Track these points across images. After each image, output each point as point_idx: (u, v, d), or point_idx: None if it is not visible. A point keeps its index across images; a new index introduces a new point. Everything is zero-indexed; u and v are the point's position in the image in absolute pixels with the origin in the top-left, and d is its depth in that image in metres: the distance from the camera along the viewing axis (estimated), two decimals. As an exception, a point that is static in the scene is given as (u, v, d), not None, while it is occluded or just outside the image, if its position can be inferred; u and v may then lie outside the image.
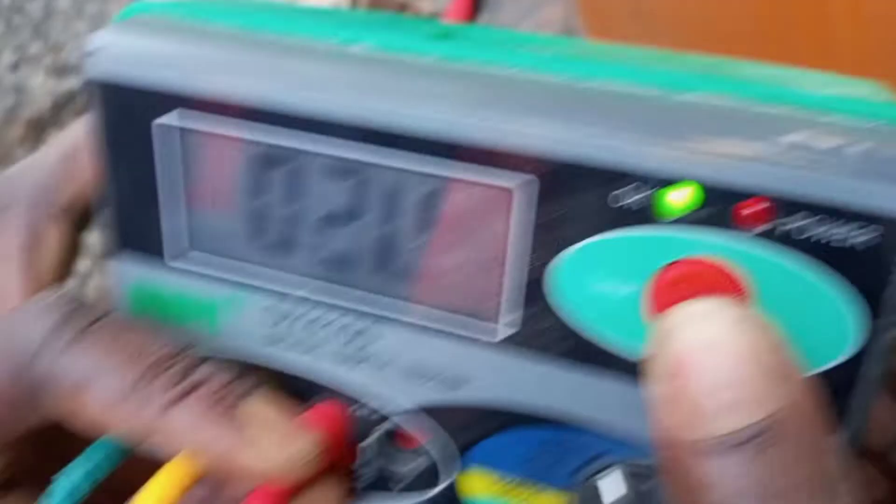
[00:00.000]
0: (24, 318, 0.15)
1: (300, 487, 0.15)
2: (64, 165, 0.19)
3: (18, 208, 0.19)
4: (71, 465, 0.16)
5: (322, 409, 0.16)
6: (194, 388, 0.15)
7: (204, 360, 0.15)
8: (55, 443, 0.17)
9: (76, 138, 0.19)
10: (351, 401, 0.16)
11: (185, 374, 0.15)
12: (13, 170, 0.19)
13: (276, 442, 0.15)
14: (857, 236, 0.12)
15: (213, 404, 0.14)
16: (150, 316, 0.16)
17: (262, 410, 0.15)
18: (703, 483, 0.11)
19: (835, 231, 0.12)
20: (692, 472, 0.12)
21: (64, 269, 0.19)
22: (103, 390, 0.14)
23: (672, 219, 0.13)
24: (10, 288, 0.18)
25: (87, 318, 0.15)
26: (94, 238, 0.76)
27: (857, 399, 0.13)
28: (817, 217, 0.12)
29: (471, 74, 0.14)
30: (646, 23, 0.61)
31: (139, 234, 0.16)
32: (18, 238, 0.18)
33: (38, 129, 1.54)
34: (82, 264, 1.15)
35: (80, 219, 0.19)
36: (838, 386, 0.13)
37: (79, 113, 1.50)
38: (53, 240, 0.19)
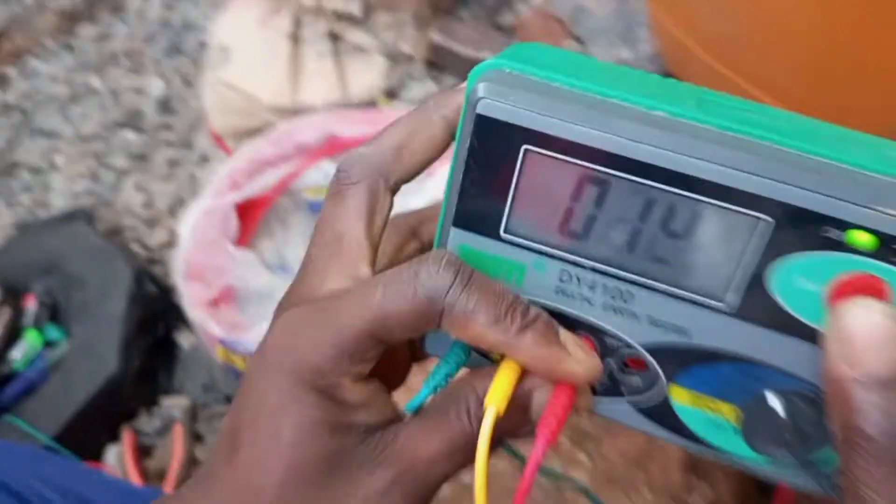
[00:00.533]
0: (431, 267, 0.23)
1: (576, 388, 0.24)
2: (396, 154, 0.27)
3: (365, 181, 0.26)
4: (442, 360, 0.24)
5: (586, 340, 0.25)
6: (534, 320, 0.23)
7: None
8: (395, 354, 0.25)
9: (408, 133, 0.27)
10: (604, 333, 0.25)
11: (526, 311, 0.23)
12: (359, 151, 0.27)
13: (582, 358, 0.23)
14: None
15: (546, 330, 0.23)
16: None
17: (568, 336, 0.24)
18: (854, 405, 0.20)
19: None
20: (848, 397, 0.20)
21: (386, 224, 0.27)
22: (483, 319, 0.22)
23: (853, 249, 0.21)
24: (358, 235, 0.26)
25: (469, 272, 0.23)
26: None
27: None
28: None
29: (744, 144, 0.22)
30: (715, 10, 0.68)
31: (477, 214, 0.24)
32: (364, 202, 0.26)
33: (70, 21, 1.55)
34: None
35: (397, 190, 0.27)
36: None
37: (113, 11, 1.50)
38: (384, 205, 0.27)
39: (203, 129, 1.18)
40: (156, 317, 0.96)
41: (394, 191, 0.27)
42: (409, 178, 0.27)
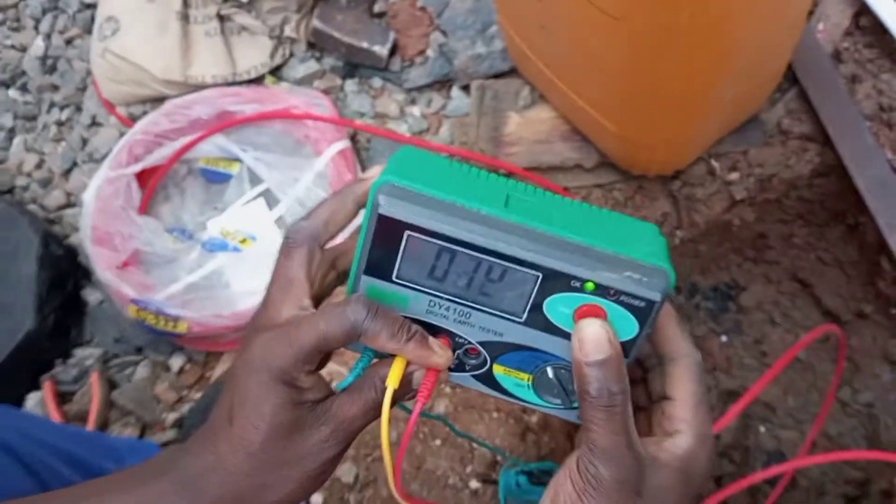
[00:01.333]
0: (354, 306, 0.38)
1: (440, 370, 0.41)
2: (325, 225, 0.41)
3: (305, 244, 0.41)
4: (358, 360, 0.40)
5: (444, 340, 0.41)
6: (414, 333, 0.39)
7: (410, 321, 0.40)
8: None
9: (332, 212, 0.42)
10: (455, 336, 0.41)
11: (410, 328, 0.39)
12: (301, 223, 0.41)
13: (442, 353, 0.40)
14: (639, 301, 0.39)
15: (421, 339, 0.39)
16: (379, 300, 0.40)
17: (434, 341, 0.40)
18: (584, 375, 0.38)
19: (633, 300, 0.38)
20: (581, 371, 0.38)
21: (318, 270, 0.42)
22: (385, 336, 0.38)
23: (587, 292, 0.39)
24: (302, 280, 0.41)
25: (376, 307, 0.38)
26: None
27: (633, 353, 0.40)
28: (628, 297, 0.38)
29: (522, 230, 0.38)
30: (545, 32, 0.85)
31: (378, 267, 0.40)
32: (305, 258, 0.41)
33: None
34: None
35: (324, 246, 0.42)
36: (626, 348, 0.40)
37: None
38: (317, 258, 0.42)
39: (91, 93, 1.23)
40: (64, 276, 1.05)
41: (322, 247, 0.42)
42: (332, 239, 0.42)
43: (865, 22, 0.95)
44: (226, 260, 1.00)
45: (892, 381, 1.09)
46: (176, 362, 1.04)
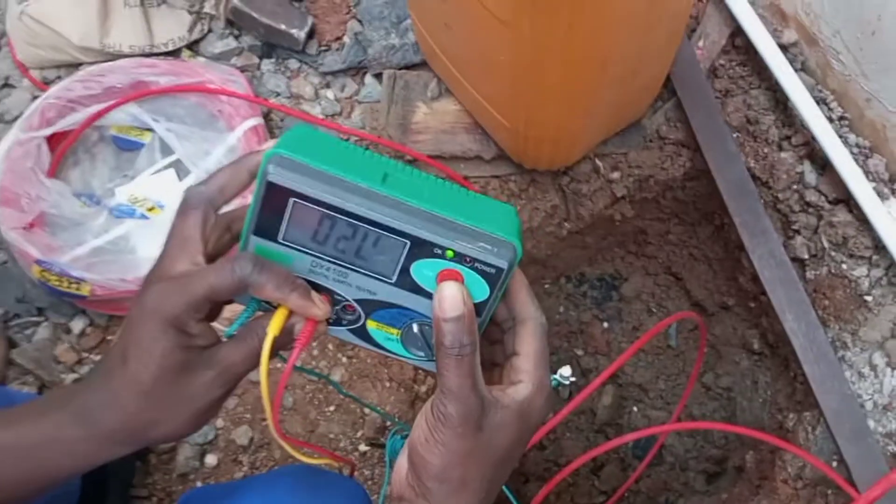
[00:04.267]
0: (242, 261, 0.43)
1: (318, 321, 0.47)
2: (220, 191, 0.47)
3: (200, 206, 0.46)
4: (243, 311, 0.46)
5: (325, 297, 0.47)
6: (297, 286, 0.45)
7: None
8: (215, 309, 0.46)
9: (227, 179, 0.47)
10: (334, 294, 0.47)
11: (294, 281, 0.45)
12: (198, 188, 0.46)
13: (322, 306, 0.46)
14: (491, 268, 0.45)
15: (304, 291, 0.45)
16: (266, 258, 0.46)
17: (315, 294, 0.46)
18: (441, 330, 0.45)
19: (485, 267, 0.45)
20: (439, 326, 0.45)
21: (212, 231, 0.47)
22: (271, 286, 0.44)
23: (447, 258, 0.45)
24: (197, 239, 0.46)
25: (262, 262, 0.44)
26: None
27: (486, 313, 0.47)
28: (481, 264, 0.45)
29: (395, 203, 0.44)
30: (449, 31, 0.91)
31: (266, 229, 0.45)
32: (200, 219, 0.46)
33: None
34: None
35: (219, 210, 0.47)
36: (479, 308, 0.47)
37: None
38: (211, 220, 0.47)
39: (4, 54, 1.23)
40: (-34, 235, 1.05)
41: (216, 211, 0.47)
42: (226, 204, 0.48)
43: (740, 42, 1.06)
44: (133, 226, 1.02)
45: (749, 368, 1.22)
46: (77, 325, 1.06)
